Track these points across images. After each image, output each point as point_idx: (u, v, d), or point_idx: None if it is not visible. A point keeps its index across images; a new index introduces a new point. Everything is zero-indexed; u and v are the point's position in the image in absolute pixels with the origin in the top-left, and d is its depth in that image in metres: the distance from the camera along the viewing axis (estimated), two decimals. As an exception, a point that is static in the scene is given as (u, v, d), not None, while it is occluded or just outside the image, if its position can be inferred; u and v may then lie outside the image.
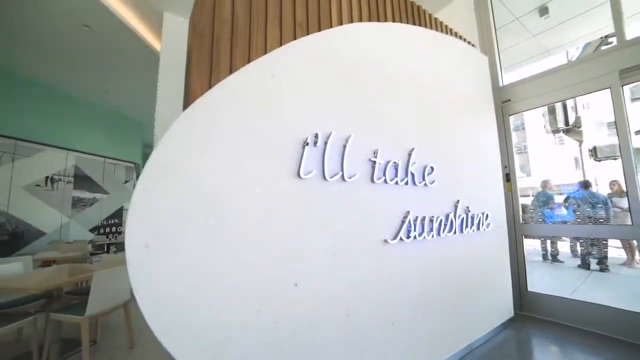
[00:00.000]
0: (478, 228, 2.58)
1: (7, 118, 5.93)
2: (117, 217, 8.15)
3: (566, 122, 7.33)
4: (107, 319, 3.08)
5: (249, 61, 1.47)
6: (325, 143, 1.60)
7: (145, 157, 9.68)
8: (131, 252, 1.10)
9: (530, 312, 3.17)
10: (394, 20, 2.29)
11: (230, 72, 1.41)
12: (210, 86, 1.34)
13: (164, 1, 4.37)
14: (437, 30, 2.71)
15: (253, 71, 1.44)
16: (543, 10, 4.45)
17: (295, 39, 1.67)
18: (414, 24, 2.49)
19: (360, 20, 2.04)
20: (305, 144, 1.52)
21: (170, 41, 4.57)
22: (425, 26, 2.60)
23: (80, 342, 2.43)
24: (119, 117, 8.23)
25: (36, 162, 6.52)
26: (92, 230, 7.51)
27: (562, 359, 2.32)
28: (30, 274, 2.67)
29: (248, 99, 1.41)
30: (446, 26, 2.90)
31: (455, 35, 2.99)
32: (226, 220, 1.30)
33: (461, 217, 2.41)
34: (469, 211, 2.50)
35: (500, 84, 3.59)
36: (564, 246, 5.63)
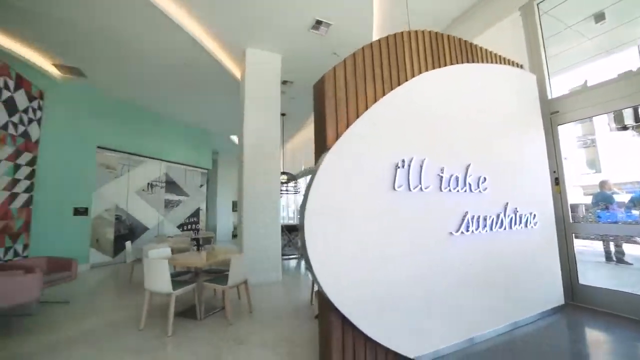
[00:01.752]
0: (526, 226, 3.11)
1: (125, 138, 7.44)
2: (196, 216, 9.55)
3: (636, 119, 7.09)
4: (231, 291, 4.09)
5: (357, 114, 2.24)
6: (409, 165, 2.32)
7: (214, 163, 11.08)
8: (310, 240, 1.91)
9: (581, 302, 3.54)
10: (451, 62, 2.92)
11: (347, 122, 2.19)
12: (337, 133, 2.14)
13: (247, 39, 5.36)
14: (488, 60, 3.27)
15: (361, 122, 2.21)
16: (599, 17, 4.61)
17: (383, 91, 2.40)
18: (470, 59, 3.08)
19: (427, 68, 2.71)
20: (397, 166, 2.26)
21: (252, 70, 5.55)
22: (480, 59, 3.17)
23: (214, 306, 3.44)
24: (195, 131, 9.63)
25: (142, 171, 8.02)
26: (178, 227, 8.94)
27: (606, 339, 2.77)
28: (191, 255, 3.78)
29: (359, 141, 2.18)
30: (496, 55, 3.43)
31: (505, 61, 3.50)
32: (349, 217, 2.09)
33: (510, 217, 2.96)
34: (517, 211, 3.04)
35: (549, 97, 3.98)
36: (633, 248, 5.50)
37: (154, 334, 3.01)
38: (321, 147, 2.20)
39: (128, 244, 5.19)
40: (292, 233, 7.90)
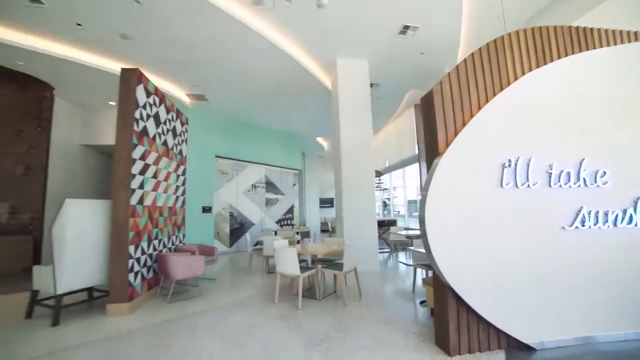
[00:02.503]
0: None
1: (234, 147, 8.80)
2: (291, 213, 10.66)
3: None
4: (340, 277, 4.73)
5: (464, 122, 2.52)
6: (515, 164, 2.49)
7: (303, 164, 12.14)
8: (430, 231, 2.30)
9: None
10: (559, 55, 2.88)
11: (456, 130, 2.49)
12: (447, 141, 2.46)
13: (337, 51, 5.90)
14: (607, 42, 2.98)
15: (468, 130, 2.48)
16: None
17: (487, 98, 2.61)
18: (581, 47, 2.93)
19: (530, 67, 2.77)
20: (504, 166, 2.46)
21: (343, 77, 6.09)
22: (595, 43, 2.93)
23: (327, 289, 4.06)
24: (287, 135, 10.71)
25: (247, 174, 9.37)
26: (277, 222, 10.13)
27: None
28: (311, 245, 4.57)
29: (467, 146, 2.46)
30: (616, 32, 3.07)
31: (628, 37, 3.12)
32: (462, 211, 2.40)
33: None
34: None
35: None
36: None
37: (287, 306, 3.77)
38: (433, 153, 2.55)
39: (247, 235, 6.31)
40: (382, 228, 8.27)
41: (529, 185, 2.52)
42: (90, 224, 3.65)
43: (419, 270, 4.44)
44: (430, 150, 2.62)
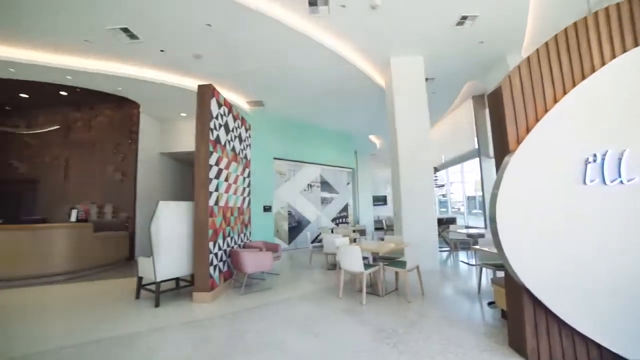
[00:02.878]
0: None
1: (290, 149, 9.22)
2: (345, 211, 10.82)
3: None
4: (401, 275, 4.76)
5: (537, 117, 2.39)
6: (603, 159, 2.29)
7: (356, 162, 12.20)
8: (501, 230, 2.25)
9: None
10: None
11: (528, 126, 2.39)
12: (518, 137, 2.37)
13: (391, 49, 5.86)
14: None
15: (542, 125, 2.35)
16: None
17: (564, 90, 2.44)
18: None
19: (624, 49, 2.46)
20: (587, 161, 2.29)
21: (398, 75, 6.04)
22: None
23: (388, 287, 4.12)
24: (340, 135, 10.86)
25: (303, 174, 9.75)
26: (332, 221, 10.36)
27: None
28: (375, 243, 4.69)
29: (541, 142, 2.34)
30: None
31: None
32: (535, 210, 2.29)
33: None
34: None
35: None
36: None
37: (351, 301, 3.93)
38: (502, 150, 2.48)
39: (308, 233, 6.61)
40: (440, 226, 7.99)
41: (621, 182, 2.29)
42: (177, 223, 4.21)
43: (484, 270, 4.27)
44: (500, 147, 2.53)
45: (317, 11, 4.62)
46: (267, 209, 8.37)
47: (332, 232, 7.92)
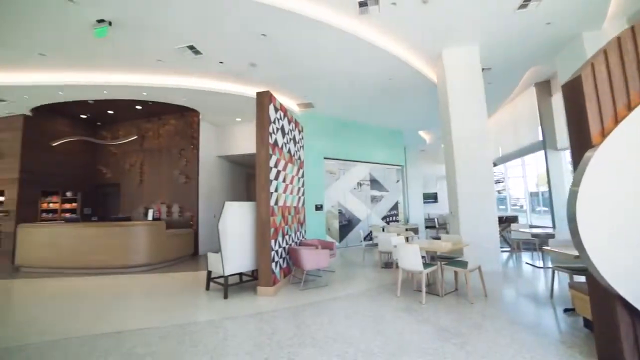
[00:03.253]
0: None
1: (340, 148, 9.34)
2: (395, 209, 10.64)
3: None
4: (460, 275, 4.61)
5: (629, 104, 2.17)
6: None
7: (405, 159, 11.90)
8: (583, 230, 2.10)
9: None
10: None
11: (616, 117, 2.18)
12: (603, 130, 2.18)
13: (443, 42, 5.65)
14: None
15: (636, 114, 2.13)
16: None
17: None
18: None
19: None
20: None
21: (450, 67, 5.82)
22: None
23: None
24: (389, 132, 10.71)
25: (353, 173, 9.81)
26: (382, 219, 10.27)
27: None
28: (435, 242, 4.65)
29: (635, 135, 2.12)
30: None
31: None
32: (624, 209, 2.09)
33: None
34: None
35: None
36: None
37: (410, 300, 3.92)
38: (581, 144, 2.29)
39: (361, 232, 6.67)
40: (500, 225, 7.50)
41: None
42: (241, 221, 4.56)
43: (557, 273, 3.95)
44: (578, 141, 2.34)
45: (367, 11, 4.65)
46: (318, 207, 8.58)
47: (383, 230, 7.89)
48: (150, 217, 7.58)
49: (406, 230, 7.06)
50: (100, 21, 4.56)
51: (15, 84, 6.29)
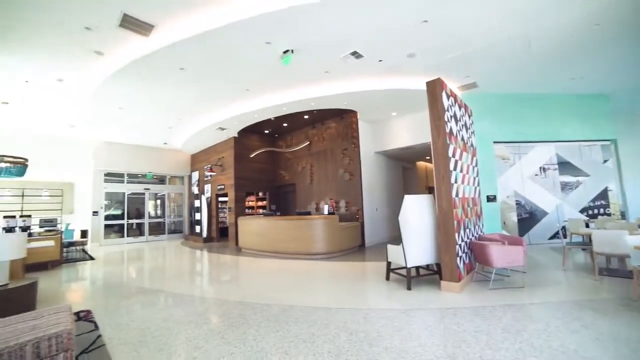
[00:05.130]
0: None
1: (513, 129, 7.97)
2: (603, 199, 8.14)
3: None
4: None
5: None
6: None
7: (616, 131, 8.82)
8: None
9: None
10: None
11: None
12: None
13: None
14: None
15: None
16: None
17: None
18: None
19: None
20: None
21: None
22: None
23: None
24: (588, 98, 8.27)
25: (531, 157, 8.19)
26: (581, 212, 8.05)
27: None
28: None
29: None
30: None
31: None
32: None
33: None
34: None
35: None
36: None
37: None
38: None
39: (559, 226, 5.42)
40: None
41: None
42: (420, 214, 4.53)
43: None
44: None
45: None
46: (490, 198, 7.58)
47: (587, 226, 6.17)
48: (325, 211, 8.67)
49: (638, 226, 5.22)
50: (285, 52, 5.54)
51: (232, 115, 8.54)
